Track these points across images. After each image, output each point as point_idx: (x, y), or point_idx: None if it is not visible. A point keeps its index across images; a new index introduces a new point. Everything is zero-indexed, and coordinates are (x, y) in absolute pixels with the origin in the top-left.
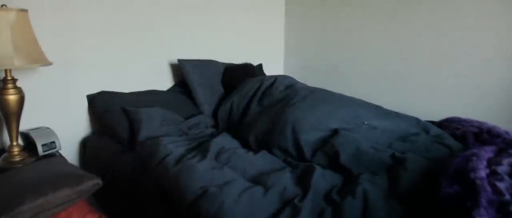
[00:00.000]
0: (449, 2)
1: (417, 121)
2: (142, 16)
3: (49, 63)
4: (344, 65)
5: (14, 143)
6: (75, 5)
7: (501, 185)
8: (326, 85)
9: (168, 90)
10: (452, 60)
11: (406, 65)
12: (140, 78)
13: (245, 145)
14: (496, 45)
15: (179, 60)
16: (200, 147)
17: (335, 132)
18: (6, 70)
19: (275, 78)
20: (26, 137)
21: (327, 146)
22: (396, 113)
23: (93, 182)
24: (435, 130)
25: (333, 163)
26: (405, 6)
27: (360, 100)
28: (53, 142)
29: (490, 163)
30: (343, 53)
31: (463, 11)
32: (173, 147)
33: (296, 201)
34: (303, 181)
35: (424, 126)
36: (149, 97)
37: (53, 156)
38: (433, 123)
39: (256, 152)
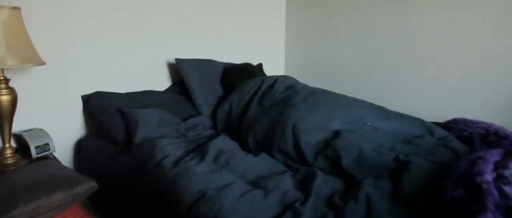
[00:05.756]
0: (453, 1)
1: (421, 122)
2: (139, 15)
3: (43, 63)
4: (346, 65)
5: (7, 145)
6: (70, 3)
7: (508, 189)
8: (327, 85)
9: (165, 90)
10: (457, 60)
11: (409, 64)
12: (137, 78)
13: (245, 146)
14: (502, 45)
15: (176, 59)
16: (198, 149)
17: (336, 134)
18: None
19: (276, 78)
20: (19, 138)
21: (329, 149)
22: (399, 113)
23: (88, 185)
24: (439, 132)
25: (335, 166)
26: (408, 4)
27: (362, 101)
28: (47, 144)
29: (497, 166)
30: (344, 53)
31: (467, 10)
32: (170, 149)
33: (297, 205)
34: (304, 185)
35: (429, 128)
36: (146, 97)
37: (47, 158)
38: (438, 124)
39: (255, 154)
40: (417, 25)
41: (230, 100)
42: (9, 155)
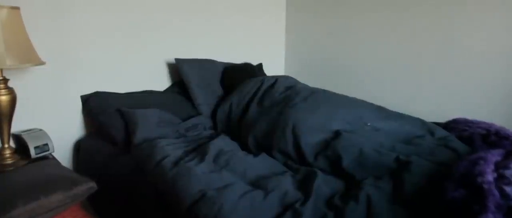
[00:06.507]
0: (453, 2)
1: (422, 122)
2: (139, 14)
3: (42, 63)
4: (346, 65)
5: (6, 146)
6: (69, 2)
7: (509, 189)
8: (327, 85)
9: (165, 90)
10: (457, 60)
11: (410, 64)
12: (136, 78)
13: (244, 147)
14: (503, 45)
15: (176, 59)
16: (198, 149)
17: (337, 134)
18: None
19: (276, 78)
20: (18, 139)
21: (329, 149)
22: (399, 114)
23: (88, 186)
24: (440, 132)
25: (335, 167)
26: (408, 4)
27: (362, 101)
28: (46, 144)
29: (498, 166)
30: (345, 53)
31: (467, 10)
32: (170, 149)
33: (297, 205)
34: (305, 185)
35: (429, 128)
36: (145, 98)
37: (46, 158)
38: (439, 124)
39: (255, 154)
40: (417, 25)
41: (230, 101)
42: (8, 155)
